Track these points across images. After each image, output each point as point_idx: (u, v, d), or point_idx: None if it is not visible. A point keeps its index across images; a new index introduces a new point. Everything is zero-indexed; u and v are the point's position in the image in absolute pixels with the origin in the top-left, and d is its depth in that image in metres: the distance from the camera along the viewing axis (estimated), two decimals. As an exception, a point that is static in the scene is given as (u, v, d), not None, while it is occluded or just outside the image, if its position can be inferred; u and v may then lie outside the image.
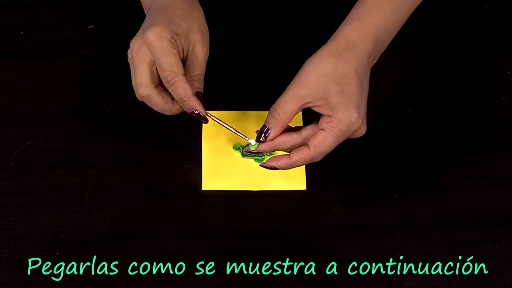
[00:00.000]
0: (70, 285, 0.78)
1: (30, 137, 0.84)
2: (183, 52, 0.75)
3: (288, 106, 0.72)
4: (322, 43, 0.74)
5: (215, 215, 0.82)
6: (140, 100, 0.74)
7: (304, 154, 0.73)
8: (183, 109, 0.75)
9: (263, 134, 0.74)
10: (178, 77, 0.72)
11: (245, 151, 0.76)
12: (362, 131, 0.74)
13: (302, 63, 0.73)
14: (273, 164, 0.75)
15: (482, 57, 0.93)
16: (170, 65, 0.72)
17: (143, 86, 0.73)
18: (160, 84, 0.74)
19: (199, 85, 0.75)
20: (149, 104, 0.75)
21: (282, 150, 0.76)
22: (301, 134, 0.74)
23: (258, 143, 0.75)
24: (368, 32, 0.74)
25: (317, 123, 0.74)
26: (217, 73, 0.88)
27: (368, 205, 0.83)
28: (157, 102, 0.74)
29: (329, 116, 0.72)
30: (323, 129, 0.72)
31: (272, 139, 0.74)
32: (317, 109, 0.73)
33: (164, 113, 0.75)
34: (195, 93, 0.74)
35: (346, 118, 0.71)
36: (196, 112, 0.74)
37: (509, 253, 0.81)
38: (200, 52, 0.76)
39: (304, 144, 0.74)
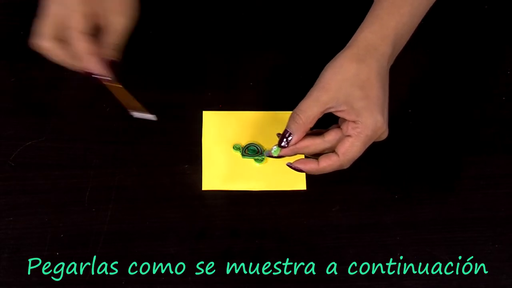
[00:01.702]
0: (70, 285, 0.78)
1: (30, 137, 0.84)
2: (97, 18, 0.74)
3: (311, 111, 0.71)
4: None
5: (215, 215, 0.82)
6: (38, 50, 0.74)
7: (333, 161, 0.72)
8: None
9: (285, 139, 0.73)
10: (77, 34, 0.72)
11: (267, 155, 0.74)
12: (386, 134, 0.73)
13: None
14: (301, 166, 0.74)
15: (482, 57, 0.93)
16: (76, 22, 0.72)
17: (43, 37, 0.73)
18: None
19: (114, 54, 0.75)
20: (50, 57, 0.74)
21: (304, 154, 0.75)
22: (324, 139, 0.73)
23: (279, 148, 0.73)
24: (388, 35, 0.73)
25: (339, 126, 0.73)
26: (218, 73, 0.89)
27: (368, 205, 0.83)
28: (57, 54, 0.73)
29: (354, 122, 0.71)
30: (349, 136, 0.71)
31: (295, 144, 0.73)
32: (340, 114, 0.72)
33: (71, 67, 0.75)
34: (109, 61, 0.74)
35: (371, 123, 0.71)
36: (93, 74, 0.73)
37: (509, 253, 0.81)
38: (115, 22, 0.75)
39: (327, 148, 0.73)
